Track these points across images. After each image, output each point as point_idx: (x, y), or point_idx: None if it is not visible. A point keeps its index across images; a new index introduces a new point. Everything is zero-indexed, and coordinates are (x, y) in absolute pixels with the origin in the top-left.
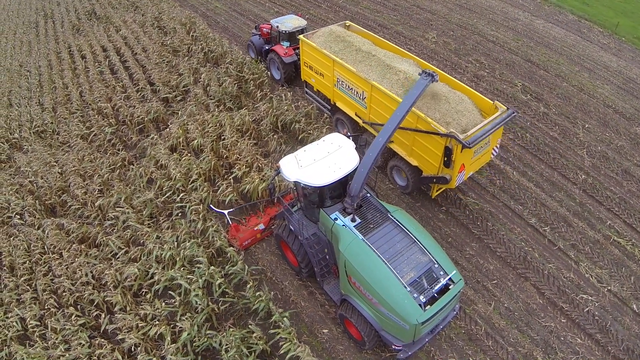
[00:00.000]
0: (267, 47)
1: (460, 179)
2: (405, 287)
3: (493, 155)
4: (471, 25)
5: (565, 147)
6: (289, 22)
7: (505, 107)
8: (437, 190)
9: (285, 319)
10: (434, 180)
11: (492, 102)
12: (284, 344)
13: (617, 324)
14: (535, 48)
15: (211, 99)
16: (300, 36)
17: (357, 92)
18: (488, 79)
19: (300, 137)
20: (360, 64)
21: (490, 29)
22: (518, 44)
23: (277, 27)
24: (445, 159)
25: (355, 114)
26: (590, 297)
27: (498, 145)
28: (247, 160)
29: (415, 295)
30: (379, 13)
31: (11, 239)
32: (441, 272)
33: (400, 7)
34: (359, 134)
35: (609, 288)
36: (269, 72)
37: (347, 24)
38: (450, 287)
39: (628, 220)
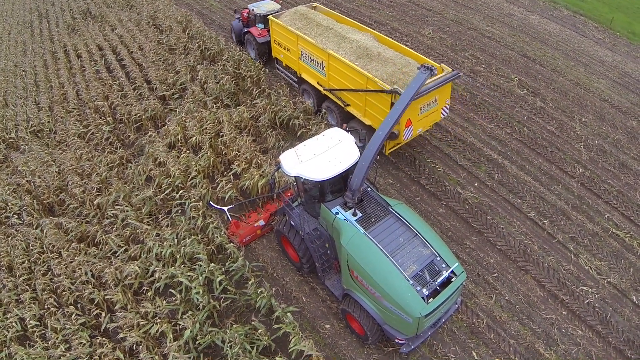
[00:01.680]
0: (245, 30)
1: (408, 134)
2: (408, 280)
3: (443, 115)
4: (467, 21)
5: (563, 141)
6: (264, 6)
7: (451, 69)
8: (390, 148)
9: (288, 313)
10: (388, 137)
11: (439, 65)
12: (293, 337)
13: (617, 316)
14: (530, 43)
15: (209, 96)
16: (270, 16)
17: (317, 62)
18: (484, 74)
19: (299, 134)
20: (319, 37)
21: (485, 25)
22: (514, 39)
23: (253, 10)
24: None
25: (318, 83)
26: (590, 289)
27: (448, 106)
28: (246, 157)
29: (418, 288)
30: (374, 10)
31: (9, 239)
32: (443, 265)
33: (396, 4)
34: (358, 128)
35: (609, 280)
36: (248, 53)
37: (314, 5)
38: (452, 280)
39: (626, 213)
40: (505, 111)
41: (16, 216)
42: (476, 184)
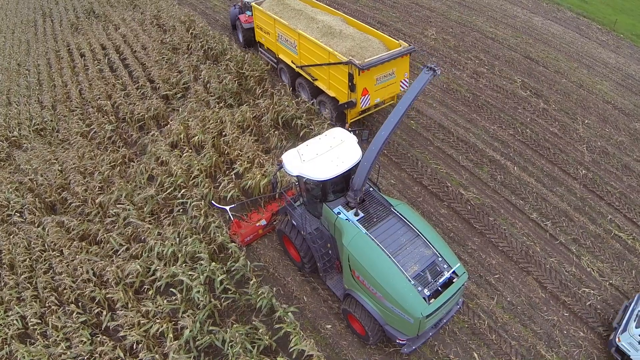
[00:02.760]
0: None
1: (365, 103)
2: (410, 280)
3: (402, 88)
4: (470, 22)
5: (565, 142)
6: None
7: (408, 44)
8: (351, 118)
9: (289, 313)
10: (346, 105)
11: (397, 41)
12: (294, 337)
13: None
14: (534, 45)
15: (211, 96)
16: (252, 3)
17: (290, 42)
18: (487, 75)
19: (301, 133)
20: (292, 19)
21: (489, 26)
22: (517, 40)
23: None
24: (350, 84)
25: (292, 62)
26: (592, 291)
27: (407, 80)
28: (248, 156)
29: (419, 288)
30: (377, 10)
31: (11, 236)
32: (445, 266)
33: (399, 5)
34: (362, 128)
35: (611, 282)
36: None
37: None
38: (454, 280)
39: (629, 215)
40: (508, 112)
41: (18, 214)
42: (478, 185)
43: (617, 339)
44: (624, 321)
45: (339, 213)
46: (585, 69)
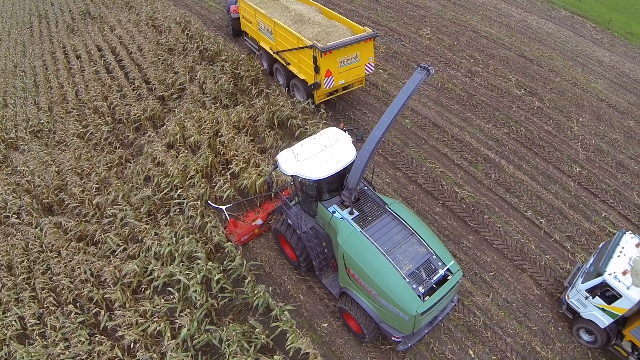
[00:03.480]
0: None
1: (329, 84)
2: (404, 278)
3: (367, 71)
4: (465, 21)
5: (560, 140)
6: None
7: (371, 30)
8: (318, 99)
9: (286, 312)
10: (313, 87)
11: (363, 27)
12: (290, 335)
13: None
14: (528, 44)
15: (207, 97)
16: None
17: (268, 30)
18: (482, 74)
19: (297, 133)
20: (269, 8)
21: (483, 25)
22: (512, 39)
23: None
24: (315, 66)
25: (270, 48)
26: None
27: (372, 64)
28: (244, 157)
29: (414, 286)
30: (372, 10)
31: (9, 238)
32: (439, 263)
33: (394, 4)
34: (356, 127)
35: None
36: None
37: None
38: (448, 278)
39: (623, 212)
40: (502, 111)
41: (16, 216)
42: (473, 184)
43: (566, 297)
44: (575, 280)
45: (334, 212)
46: (579, 68)
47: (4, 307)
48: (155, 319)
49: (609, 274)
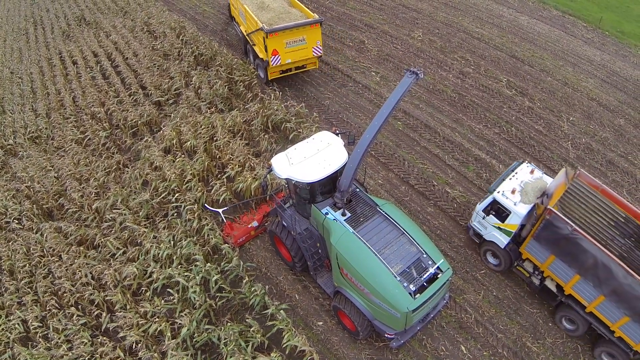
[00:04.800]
0: None
1: (276, 61)
2: (395, 276)
3: (315, 54)
4: (456, 22)
5: (550, 140)
6: None
7: (318, 16)
8: (270, 76)
9: (281, 310)
10: (266, 64)
11: (312, 14)
12: (286, 334)
13: None
14: (519, 44)
15: (202, 102)
16: None
17: (242, 14)
18: (473, 75)
19: (291, 136)
20: None
21: (475, 26)
22: (503, 40)
23: None
24: (264, 45)
25: (245, 30)
26: None
27: (319, 47)
28: (239, 160)
29: (405, 284)
30: (365, 13)
31: (10, 243)
32: (429, 262)
33: (386, 7)
34: (347, 131)
35: None
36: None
37: None
38: (438, 276)
39: None
40: (493, 112)
41: (16, 221)
42: (464, 184)
43: (471, 222)
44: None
45: (327, 213)
46: (570, 67)
47: (7, 310)
48: (155, 320)
49: (498, 192)
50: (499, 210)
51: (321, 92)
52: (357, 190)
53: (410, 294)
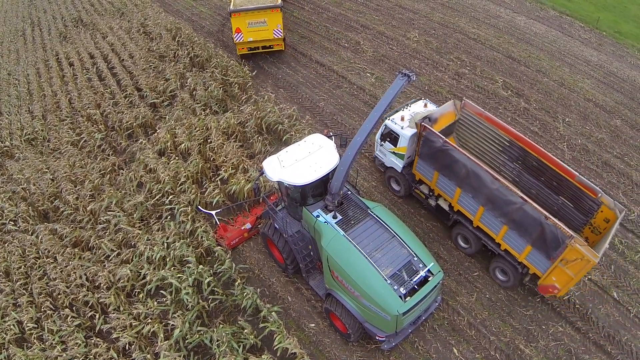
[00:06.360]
0: None
1: (239, 38)
2: (386, 279)
3: (275, 35)
4: (453, 23)
5: (546, 141)
6: None
7: (279, 2)
8: (239, 52)
9: (273, 313)
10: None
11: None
12: (277, 336)
13: (598, 312)
14: (516, 44)
15: (197, 103)
16: None
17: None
18: (469, 76)
19: (284, 138)
20: None
21: (471, 27)
22: (499, 40)
23: None
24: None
25: None
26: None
27: (279, 30)
28: (233, 162)
29: (395, 287)
30: (361, 14)
31: (6, 245)
32: (420, 265)
33: (383, 8)
34: (340, 133)
35: (590, 277)
36: None
37: None
38: (429, 279)
39: None
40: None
41: (12, 223)
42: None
43: (375, 152)
44: None
45: (318, 216)
46: (567, 68)
47: (3, 312)
48: (148, 321)
49: (389, 119)
50: (391, 136)
51: (316, 93)
52: (349, 192)
53: (400, 297)
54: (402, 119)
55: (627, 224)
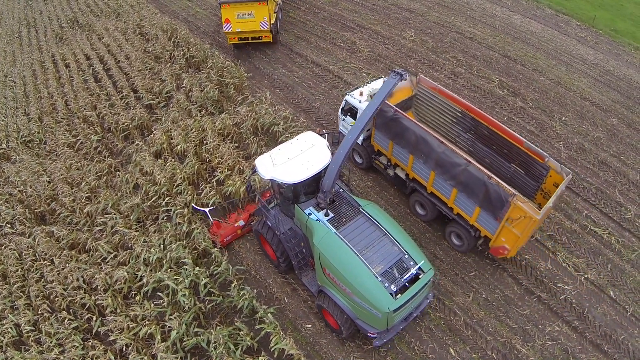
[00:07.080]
0: None
1: (227, 28)
2: (377, 277)
3: (262, 27)
4: (449, 22)
5: (542, 140)
6: None
7: None
8: (229, 42)
9: (269, 314)
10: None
11: None
12: (274, 337)
13: (594, 311)
14: (512, 43)
15: (193, 105)
16: None
17: None
18: (465, 76)
19: (279, 139)
20: None
21: (468, 26)
22: (495, 39)
23: None
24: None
25: None
26: (567, 286)
27: (265, 22)
28: (228, 164)
29: (386, 284)
30: (357, 13)
31: (3, 247)
32: (411, 262)
33: (379, 7)
34: (332, 131)
35: (586, 276)
36: None
37: None
38: (420, 276)
39: (604, 210)
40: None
41: (9, 225)
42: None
43: (339, 127)
44: None
45: (310, 214)
46: (563, 66)
47: (0, 315)
48: (145, 323)
49: (349, 95)
50: (351, 111)
51: (312, 93)
52: (341, 190)
53: (391, 294)
54: (361, 94)
55: (623, 222)
